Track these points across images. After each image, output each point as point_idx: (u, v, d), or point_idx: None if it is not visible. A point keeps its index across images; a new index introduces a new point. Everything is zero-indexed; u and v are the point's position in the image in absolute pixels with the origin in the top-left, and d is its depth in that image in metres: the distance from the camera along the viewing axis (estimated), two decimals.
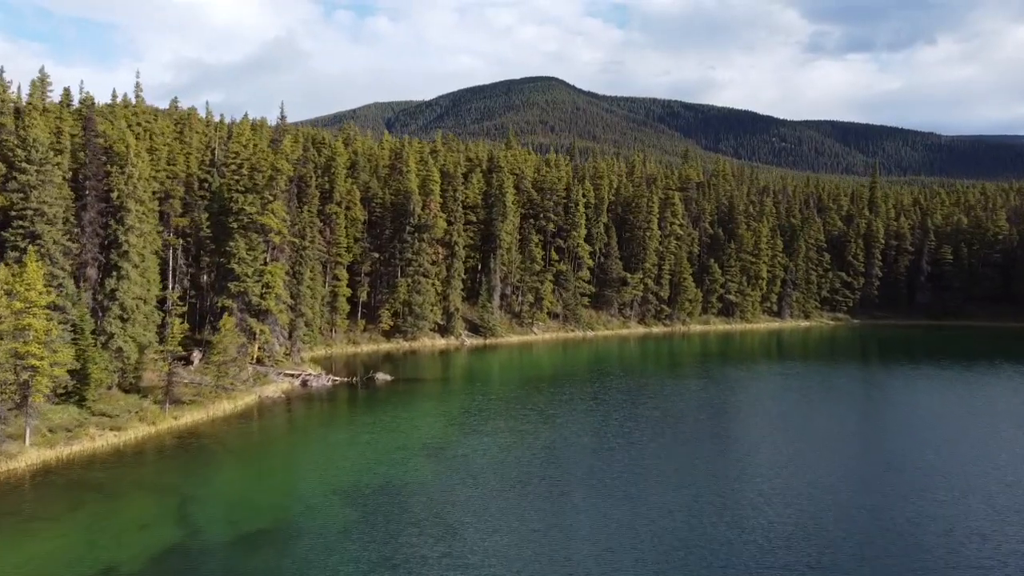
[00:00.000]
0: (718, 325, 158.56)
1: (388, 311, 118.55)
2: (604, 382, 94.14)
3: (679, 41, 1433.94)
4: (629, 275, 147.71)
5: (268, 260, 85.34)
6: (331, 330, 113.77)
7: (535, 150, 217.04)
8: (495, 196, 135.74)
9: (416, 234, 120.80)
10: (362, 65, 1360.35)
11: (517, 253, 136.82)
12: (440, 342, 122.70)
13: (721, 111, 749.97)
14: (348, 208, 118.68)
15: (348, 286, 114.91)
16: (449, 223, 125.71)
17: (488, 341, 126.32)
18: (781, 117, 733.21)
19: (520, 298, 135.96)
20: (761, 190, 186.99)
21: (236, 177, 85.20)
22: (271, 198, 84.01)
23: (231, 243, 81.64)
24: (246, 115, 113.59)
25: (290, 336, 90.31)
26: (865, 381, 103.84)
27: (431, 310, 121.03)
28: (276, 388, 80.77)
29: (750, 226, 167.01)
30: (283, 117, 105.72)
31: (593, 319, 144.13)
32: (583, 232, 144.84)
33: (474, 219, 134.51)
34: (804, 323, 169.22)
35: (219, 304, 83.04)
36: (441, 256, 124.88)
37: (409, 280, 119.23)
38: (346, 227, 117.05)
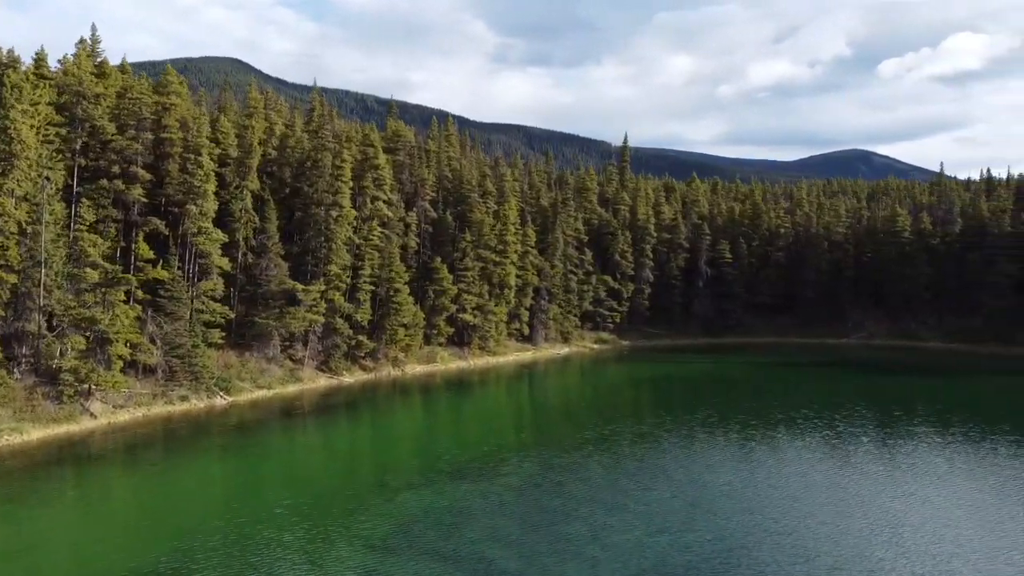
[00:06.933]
0: (448, 362, 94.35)
1: None
2: None
3: (377, 40, 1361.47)
4: (301, 287, 78.01)
5: None
6: None
7: None
8: None
9: None
10: (17, 33, 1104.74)
11: (58, 246, 61.18)
12: None
13: (415, 108, 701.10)
14: None
15: None
16: None
17: None
18: (473, 119, 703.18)
19: (62, 344, 60.13)
20: (494, 161, 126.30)
21: None
22: None
23: None
24: None
25: None
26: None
27: None
28: None
29: (489, 208, 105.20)
30: None
31: (231, 371, 72.16)
32: (211, 207, 72.24)
33: None
34: (563, 349, 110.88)
35: None
36: None
37: None
38: None
